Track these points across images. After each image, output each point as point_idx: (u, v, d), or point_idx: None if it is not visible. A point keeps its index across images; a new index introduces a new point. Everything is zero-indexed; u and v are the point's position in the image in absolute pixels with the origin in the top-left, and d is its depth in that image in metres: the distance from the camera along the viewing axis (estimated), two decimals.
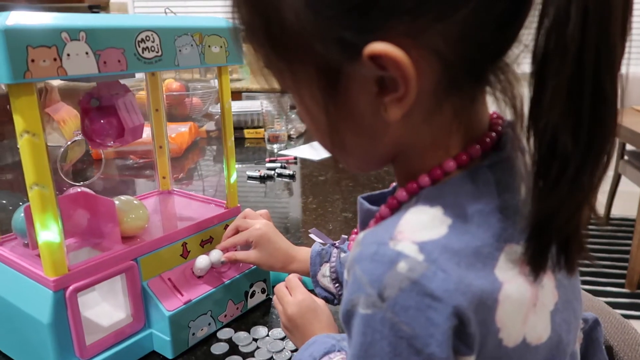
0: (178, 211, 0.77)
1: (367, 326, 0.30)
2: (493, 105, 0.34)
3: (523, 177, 0.34)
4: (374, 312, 0.30)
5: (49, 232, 0.50)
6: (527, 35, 0.31)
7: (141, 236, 0.65)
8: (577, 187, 0.29)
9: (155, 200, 0.80)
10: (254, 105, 1.75)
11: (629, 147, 2.51)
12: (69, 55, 0.47)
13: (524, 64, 0.32)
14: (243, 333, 0.65)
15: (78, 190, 0.64)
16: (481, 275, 0.30)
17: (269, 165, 1.37)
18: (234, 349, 0.62)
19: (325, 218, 1.02)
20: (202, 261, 0.65)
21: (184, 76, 2.26)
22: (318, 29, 0.30)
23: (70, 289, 0.53)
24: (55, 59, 0.46)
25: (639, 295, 2.09)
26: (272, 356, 0.61)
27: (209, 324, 0.64)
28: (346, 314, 0.32)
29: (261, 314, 0.70)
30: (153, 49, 0.54)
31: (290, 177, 1.31)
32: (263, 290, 0.72)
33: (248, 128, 1.72)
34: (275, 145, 1.56)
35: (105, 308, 0.63)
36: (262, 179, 1.30)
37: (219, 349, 0.62)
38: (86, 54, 0.48)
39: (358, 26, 0.29)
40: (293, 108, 0.42)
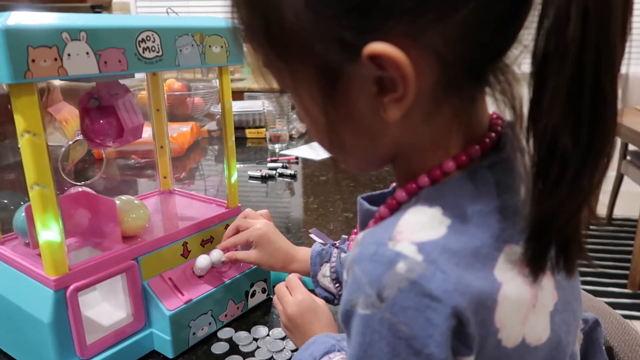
0: (179, 211, 0.77)
1: (366, 326, 0.30)
2: (492, 106, 0.34)
3: (522, 178, 0.34)
4: (373, 313, 0.30)
5: (49, 232, 0.50)
6: (527, 36, 0.31)
7: (142, 236, 0.65)
8: (577, 189, 0.29)
9: (156, 200, 0.80)
10: (255, 105, 1.75)
11: (632, 148, 2.50)
12: (69, 55, 0.47)
13: (523, 64, 0.32)
14: (243, 333, 0.65)
15: (79, 190, 0.65)
16: (480, 275, 0.30)
17: (270, 165, 1.37)
18: (234, 349, 0.63)
19: (326, 218, 1.02)
20: (203, 261, 0.65)
21: (186, 76, 2.26)
22: (318, 29, 0.30)
23: (70, 288, 0.53)
24: (55, 59, 0.46)
25: None
26: (273, 356, 0.61)
27: (210, 324, 0.64)
28: (345, 314, 0.32)
29: (262, 313, 0.70)
30: (154, 49, 0.54)
31: (292, 177, 1.31)
32: (264, 290, 0.72)
33: (250, 128, 1.72)
34: (276, 145, 1.56)
35: (105, 307, 0.63)
36: (264, 179, 1.30)
37: (219, 348, 0.62)
38: (87, 54, 0.48)
39: (358, 26, 0.29)
40: (294, 108, 0.41)
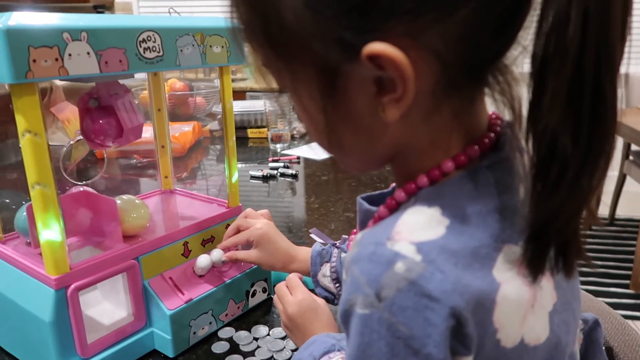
0: (180, 210, 0.77)
1: (365, 326, 0.30)
2: (492, 106, 0.34)
3: (521, 178, 0.34)
4: (371, 312, 0.30)
5: (50, 231, 0.50)
6: (526, 37, 0.30)
7: (142, 235, 0.65)
8: (577, 190, 0.29)
9: (157, 199, 0.80)
10: (257, 104, 1.75)
11: (634, 148, 2.49)
12: (70, 55, 0.47)
13: (523, 65, 0.32)
14: (244, 332, 0.65)
15: (80, 189, 0.65)
16: (479, 275, 0.30)
17: (271, 164, 1.37)
18: (234, 348, 0.63)
19: (327, 218, 1.02)
20: (203, 260, 0.65)
21: (188, 76, 2.26)
22: (317, 29, 0.30)
23: (71, 287, 0.53)
24: (56, 59, 0.46)
25: None
26: (273, 355, 0.61)
27: (210, 323, 0.64)
28: (344, 313, 0.32)
29: (262, 313, 0.70)
30: (154, 49, 0.54)
31: (293, 177, 1.31)
32: (264, 290, 0.72)
33: (251, 128, 1.72)
34: (278, 145, 1.56)
35: (106, 307, 0.63)
36: (265, 179, 1.30)
37: (219, 347, 0.63)
38: (87, 54, 0.48)
39: (357, 26, 0.29)
40: (295, 108, 0.41)
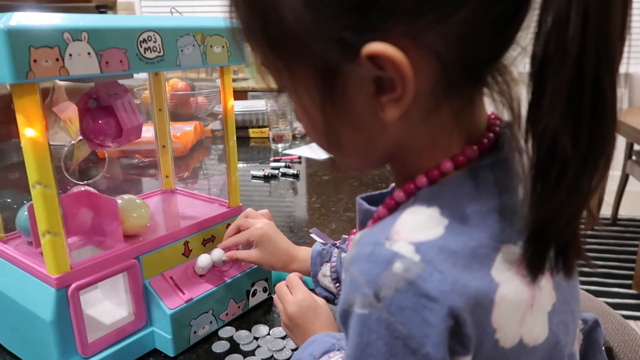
0: (180, 210, 0.78)
1: (364, 326, 0.30)
2: (490, 107, 0.34)
3: (520, 178, 0.34)
4: (370, 312, 0.30)
5: (51, 231, 0.50)
6: (525, 38, 0.30)
7: (143, 235, 0.65)
8: (577, 190, 0.29)
9: (158, 199, 0.80)
10: (259, 104, 1.75)
11: (637, 147, 2.48)
12: (71, 55, 0.47)
13: (521, 65, 0.32)
14: (244, 331, 0.65)
15: (81, 189, 0.65)
16: (477, 276, 0.30)
17: (273, 164, 1.37)
18: (235, 348, 0.63)
19: (328, 217, 1.02)
20: (204, 260, 0.65)
21: (190, 75, 2.26)
22: (317, 29, 0.30)
23: (72, 286, 0.53)
24: (57, 59, 0.46)
25: None
26: (273, 355, 0.61)
27: (211, 323, 0.65)
28: (343, 313, 0.32)
29: (262, 312, 0.71)
30: (155, 49, 0.54)
31: (295, 177, 1.31)
32: (265, 289, 0.72)
33: (253, 127, 1.72)
34: (279, 145, 1.56)
35: (107, 306, 0.63)
36: (267, 179, 1.30)
37: (220, 347, 0.63)
38: (88, 54, 0.49)
39: (357, 26, 0.29)
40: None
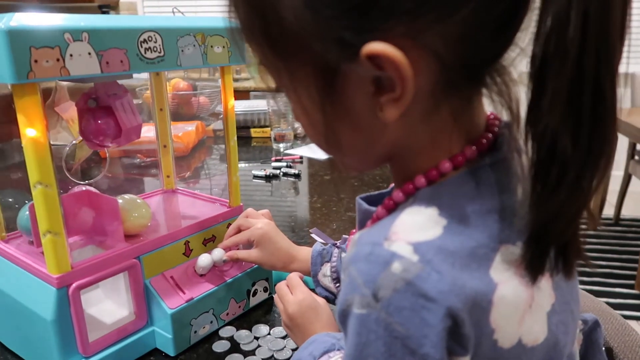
0: (181, 210, 0.78)
1: (362, 326, 0.30)
2: (489, 107, 0.34)
3: (520, 179, 0.34)
4: (368, 312, 0.30)
5: (52, 230, 0.50)
6: (524, 39, 0.30)
7: (144, 234, 0.65)
8: (577, 191, 0.29)
9: (159, 199, 0.80)
10: (260, 104, 1.75)
11: None
12: (71, 55, 0.47)
13: (520, 66, 0.32)
14: (244, 331, 0.65)
15: (82, 188, 0.65)
16: (476, 276, 0.30)
17: (274, 164, 1.38)
18: (235, 347, 0.63)
19: (330, 217, 1.02)
20: (205, 260, 0.65)
21: (192, 75, 2.26)
22: (317, 29, 0.30)
23: (73, 286, 0.53)
24: (58, 60, 0.46)
25: None
26: (273, 354, 0.61)
27: (211, 322, 0.65)
28: (342, 313, 0.32)
29: (263, 312, 0.71)
30: (155, 49, 0.55)
31: (296, 177, 1.31)
32: (265, 289, 0.72)
33: (254, 127, 1.72)
34: (281, 145, 1.56)
35: (108, 305, 0.64)
36: (268, 178, 1.30)
37: (220, 346, 0.63)
38: (89, 54, 0.49)
39: (357, 26, 0.29)
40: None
